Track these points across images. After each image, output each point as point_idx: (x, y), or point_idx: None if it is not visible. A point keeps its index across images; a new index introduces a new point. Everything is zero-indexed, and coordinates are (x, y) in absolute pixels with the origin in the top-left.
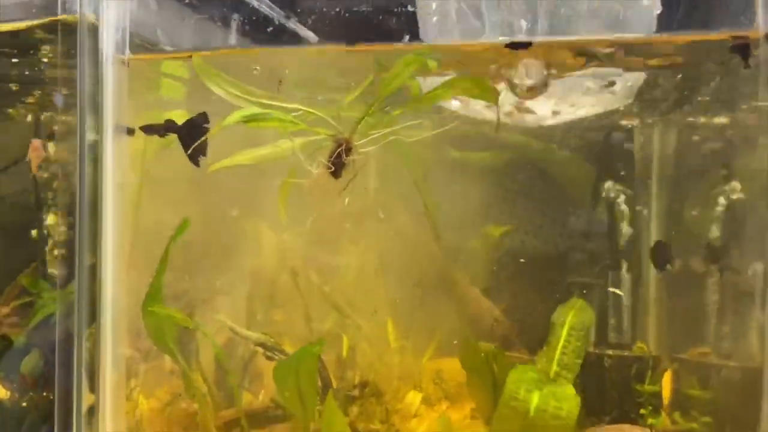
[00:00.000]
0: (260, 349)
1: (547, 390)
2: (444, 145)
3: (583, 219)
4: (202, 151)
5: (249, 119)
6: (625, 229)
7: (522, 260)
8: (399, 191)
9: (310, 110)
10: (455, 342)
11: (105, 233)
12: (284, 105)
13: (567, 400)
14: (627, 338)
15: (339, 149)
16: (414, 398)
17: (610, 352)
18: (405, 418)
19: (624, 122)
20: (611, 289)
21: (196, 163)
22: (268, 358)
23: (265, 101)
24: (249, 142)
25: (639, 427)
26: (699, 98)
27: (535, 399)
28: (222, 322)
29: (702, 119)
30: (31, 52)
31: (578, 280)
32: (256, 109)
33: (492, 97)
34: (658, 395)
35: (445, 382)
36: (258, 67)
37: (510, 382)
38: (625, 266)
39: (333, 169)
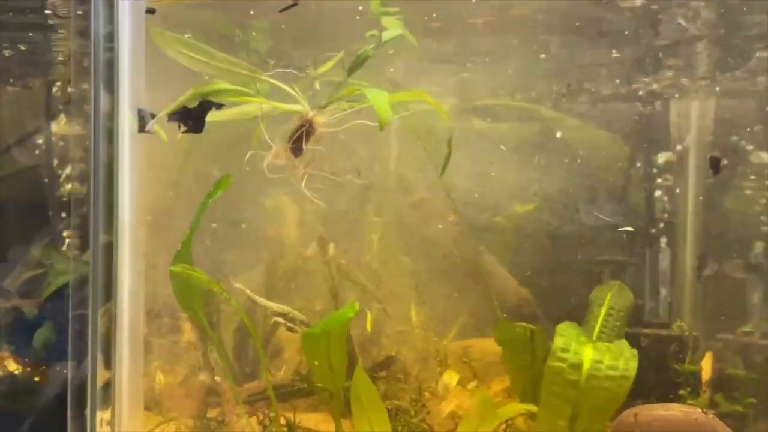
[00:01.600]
0: (281, 320)
1: (602, 345)
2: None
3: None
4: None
5: (207, 94)
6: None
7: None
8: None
9: (276, 83)
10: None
11: (122, 209)
12: (254, 75)
13: (624, 355)
14: (665, 317)
15: (300, 129)
16: (450, 379)
17: (647, 331)
18: (436, 397)
19: None
20: None
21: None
22: (290, 329)
23: (235, 69)
24: None
25: (687, 405)
26: None
27: (589, 352)
28: (241, 291)
29: None
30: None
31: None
32: (225, 85)
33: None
34: (697, 376)
35: (473, 361)
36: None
37: (559, 335)
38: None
39: (293, 148)
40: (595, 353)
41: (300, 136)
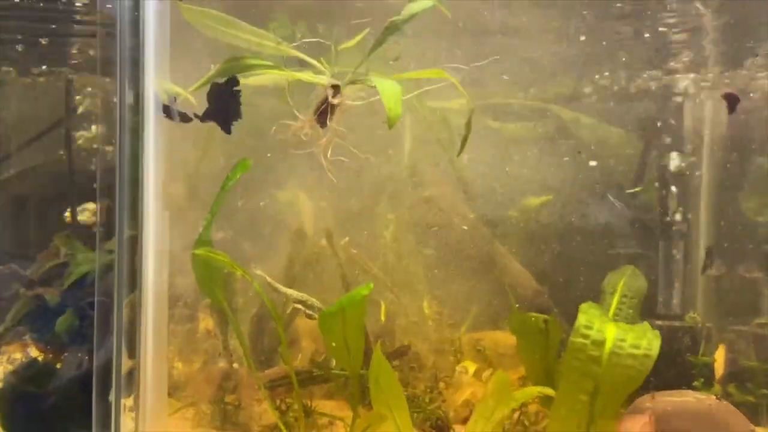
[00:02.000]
0: (300, 307)
1: (625, 324)
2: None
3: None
4: (236, 115)
5: (236, 69)
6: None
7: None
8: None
9: (303, 56)
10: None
11: (146, 202)
12: (282, 48)
13: (647, 335)
14: (678, 309)
15: (326, 102)
16: (468, 367)
17: (660, 322)
18: (451, 385)
19: None
20: None
21: (228, 131)
22: (308, 316)
23: (264, 42)
24: None
25: (702, 392)
26: None
27: (612, 330)
28: (261, 278)
29: None
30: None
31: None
32: (254, 60)
33: None
34: (710, 367)
35: (487, 350)
36: None
37: (582, 313)
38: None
39: (319, 119)
40: (618, 332)
41: (325, 109)
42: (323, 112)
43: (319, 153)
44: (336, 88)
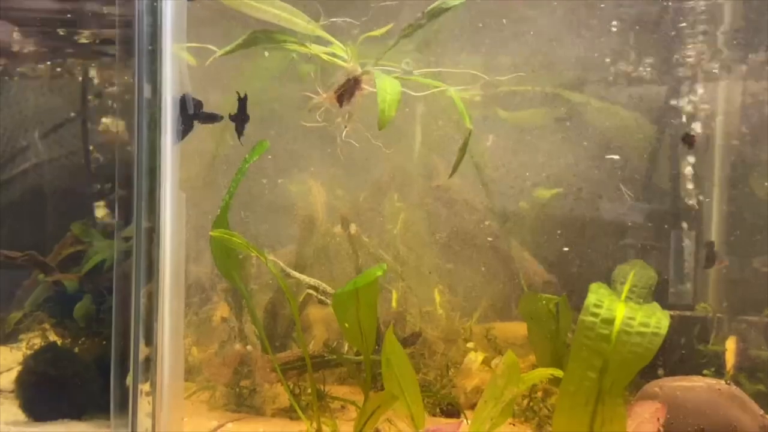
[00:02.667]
0: (313, 292)
1: (634, 304)
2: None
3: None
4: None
5: (263, 39)
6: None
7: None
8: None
9: (329, 36)
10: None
11: (164, 194)
12: (311, 26)
13: (656, 314)
14: (689, 299)
15: (344, 86)
16: (476, 356)
17: (671, 312)
18: (461, 372)
19: None
20: None
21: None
22: (321, 302)
23: (294, 18)
24: None
25: (710, 378)
26: None
27: (621, 308)
28: (275, 263)
29: None
30: None
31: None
32: (281, 35)
33: None
34: (720, 356)
35: (497, 339)
36: None
37: (592, 293)
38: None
39: (338, 97)
40: (627, 310)
41: (345, 90)
42: (342, 93)
43: (336, 130)
44: (356, 81)
